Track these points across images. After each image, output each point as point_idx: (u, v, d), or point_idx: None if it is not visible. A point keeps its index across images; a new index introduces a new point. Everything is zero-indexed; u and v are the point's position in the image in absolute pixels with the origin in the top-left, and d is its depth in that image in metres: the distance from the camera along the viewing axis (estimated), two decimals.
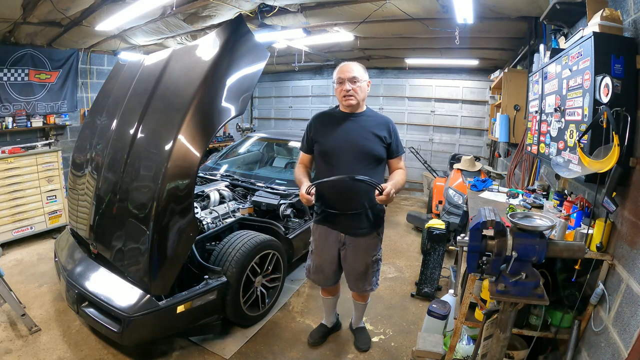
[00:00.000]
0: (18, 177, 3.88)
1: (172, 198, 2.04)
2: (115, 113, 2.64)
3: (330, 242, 2.08)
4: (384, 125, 1.98)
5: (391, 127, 2.00)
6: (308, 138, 2.07)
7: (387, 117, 2.06)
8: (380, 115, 2.06)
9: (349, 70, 1.90)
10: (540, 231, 1.16)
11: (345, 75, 1.90)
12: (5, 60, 4.20)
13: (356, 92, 1.91)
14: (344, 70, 1.92)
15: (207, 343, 2.43)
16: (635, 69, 1.49)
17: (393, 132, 1.99)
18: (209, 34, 2.38)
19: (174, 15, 3.44)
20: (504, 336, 1.28)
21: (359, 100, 1.94)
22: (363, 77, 1.93)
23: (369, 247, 2.07)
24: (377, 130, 1.94)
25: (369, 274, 2.13)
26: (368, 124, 1.96)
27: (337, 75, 1.94)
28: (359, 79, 1.91)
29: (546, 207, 2.12)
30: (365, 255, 2.08)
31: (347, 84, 1.89)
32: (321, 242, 2.12)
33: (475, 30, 3.46)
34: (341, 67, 1.95)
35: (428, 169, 6.05)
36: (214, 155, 4.47)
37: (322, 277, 2.21)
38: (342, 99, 1.94)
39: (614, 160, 1.34)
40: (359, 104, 1.96)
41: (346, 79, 1.89)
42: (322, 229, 2.09)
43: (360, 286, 2.17)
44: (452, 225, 3.66)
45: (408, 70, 6.56)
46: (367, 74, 1.99)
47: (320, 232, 2.11)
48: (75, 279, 2.31)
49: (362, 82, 1.93)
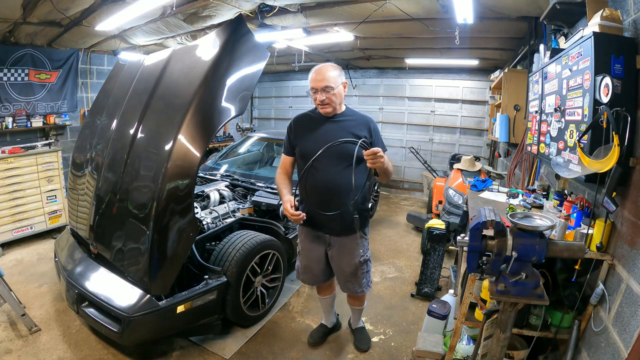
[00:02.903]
0: (18, 177, 3.88)
1: (172, 198, 2.04)
2: (115, 113, 2.64)
3: (316, 242, 2.10)
4: (364, 125, 1.95)
5: (371, 125, 1.97)
6: (289, 140, 2.06)
7: (367, 116, 2.02)
8: (360, 115, 2.03)
9: (321, 79, 1.85)
10: (540, 231, 1.15)
11: (317, 85, 1.86)
12: (5, 60, 4.20)
13: (331, 100, 1.88)
14: (316, 79, 1.87)
15: (207, 343, 2.43)
16: (635, 69, 1.49)
17: (374, 130, 1.97)
18: (209, 34, 2.38)
19: (174, 15, 3.44)
20: (504, 336, 1.28)
21: (334, 107, 1.92)
22: (337, 82, 1.88)
23: (354, 248, 2.06)
24: (357, 131, 1.91)
25: (358, 275, 2.12)
26: (347, 124, 1.94)
27: (310, 83, 1.90)
28: (332, 87, 1.86)
29: (546, 207, 2.12)
30: (351, 255, 2.07)
31: (321, 94, 1.86)
32: (307, 242, 2.13)
33: (475, 30, 3.45)
34: (313, 74, 1.89)
35: (428, 169, 6.05)
36: (214, 155, 4.48)
37: (311, 277, 2.23)
38: (318, 106, 1.94)
39: (614, 160, 1.34)
40: (335, 108, 1.94)
41: (319, 89, 1.86)
42: (307, 230, 2.10)
43: (350, 287, 2.17)
44: (452, 225, 3.66)
45: (408, 70, 6.55)
46: (342, 75, 1.93)
47: (305, 233, 2.12)
48: (75, 279, 2.31)
49: (337, 89, 1.88)
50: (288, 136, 2.06)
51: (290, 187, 2.05)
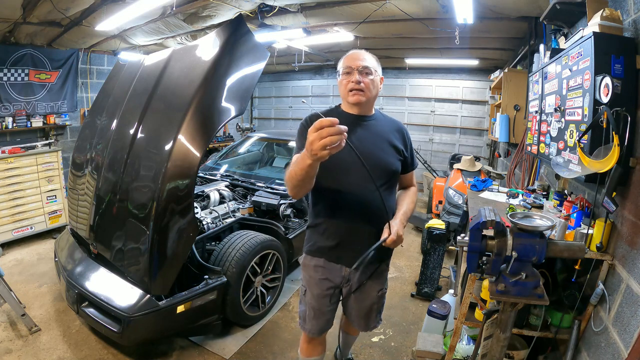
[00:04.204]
0: (18, 177, 3.88)
1: (172, 198, 2.03)
2: (115, 113, 2.64)
3: (331, 277, 1.60)
4: (399, 133, 1.60)
5: (406, 134, 1.63)
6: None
7: (398, 122, 1.67)
8: (390, 119, 1.65)
9: (360, 58, 1.47)
10: (540, 231, 1.15)
11: (354, 64, 1.46)
12: (5, 60, 4.21)
13: (368, 88, 1.47)
14: (353, 57, 1.49)
15: (207, 343, 2.43)
16: (635, 69, 1.49)
17: (408, 140, 1.63)
18: (209, 34, 2.38)
19: (174, 15, 3.44)
20: (504, 336, 1.28)
21: (369, 98, 1.50)
22: (377, 69, 1.52)
23: (377, 282, 1.68)
24: (393, 139, 1.55)
25: (374, 309, 1.74)
26: (381, 129, 1.55)
27: (344, 63, 1.49)
28: (371, 70, 1.48)
29: (546, 207, 2.12)
30: (374, 290, 1.69)
31: (357, 75, 1.45)
32: (318, 278, 1.61)
33: (475, 30, 3.46)
34: (350, 54, 1.52)
35: (428, 169, 6.05)
36: (214, 155, 4.47)
37: (324, 322, 1.69)
38: (348, 94, 1.48)
39: (614, 160, 1.34)
40: (369, 103, 1.53)
41: (355, 69, 1.45)
42: (321, 263, 1.60)
43: (363, 325, 1.76)
44: (452, 225, 3.66)
45: (408, 70, 6.56)
46: (380, 67, 1.56)
47: (316, 265, 1.61)
48: (75, 279, 2.31)
49: (376, 76, 1.50)
50: (305, 135, 1.38)
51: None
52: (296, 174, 1.22)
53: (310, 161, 1.10)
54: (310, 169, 1.15)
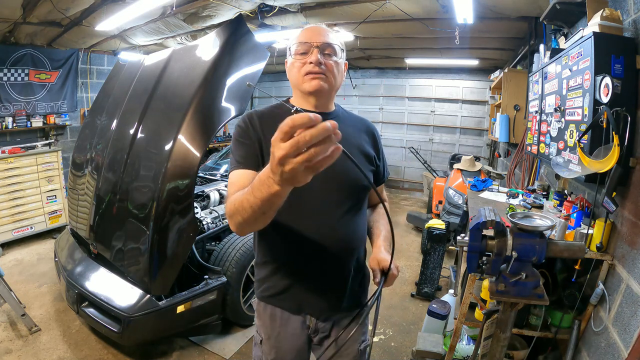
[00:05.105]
0: (18, 177, 3.88)
1: (172, 198, 2.04)
2: (115, 113, 2.64)
3: (291, 330, 1.18)
4: (369, 135, 1.22)
5: (377, 136, 1.25)
6: (251, 144, 1.08)
7: (366, 120, 1.27)
8: (356, 117, 1.27)
9: (322, 34, 1.08)
10: (540, 231, 1.15)
11: (313, 39, 1.06)
12: (5, 60, 4.20)
13: (331, 71, 1.07)
14: (312, 32, 1.09)
15: (207, 343, 2.43)
16: (635, 69, 1.49)
17: (380, 143, 1.25)
18: (209, 34, 2.38)
19: (174, 15, 3.44)
20: (504, 336, 1.28)
21: (332, 86, 1.10)
22: (341, 50, 1.12)
23: (356, 331, 1.16)
24: (363, 145, 1.17)
25: None
26: (347, 132, 1.05)
27: (298, 39, 1.10)
28: (337, 50, 1.09)
29: (546, 207, 2.12)
30: (352, 343, 1.22)
31: (317, 54, 1.04)
32: (275, 330, 1.20)
33: (475, 30, 3.45)
34: (307, 28, 1.12)
35: (428, 169, 6.05)
36: (214, 155, 4.48)
37: None
38: (304, 79, 1.07)
39: (614, 160, 1.34)
40: (330, 94, 1.13)
41: (315, 46, 1.05)
42: (276, 312, 1.18)
43: None
44: (452, 225, 3.66)
45: (408, 70, 6.55)
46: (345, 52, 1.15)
47: (272, 315, 1.19)
48: (75, 279, 2.31)
49: (340, 59, 1.10)
50: (247, 137, 1.09)
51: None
52: (251, 205, 0.76)
53: (278, 188, 0.66)
54: (276, 199, 0.71)
